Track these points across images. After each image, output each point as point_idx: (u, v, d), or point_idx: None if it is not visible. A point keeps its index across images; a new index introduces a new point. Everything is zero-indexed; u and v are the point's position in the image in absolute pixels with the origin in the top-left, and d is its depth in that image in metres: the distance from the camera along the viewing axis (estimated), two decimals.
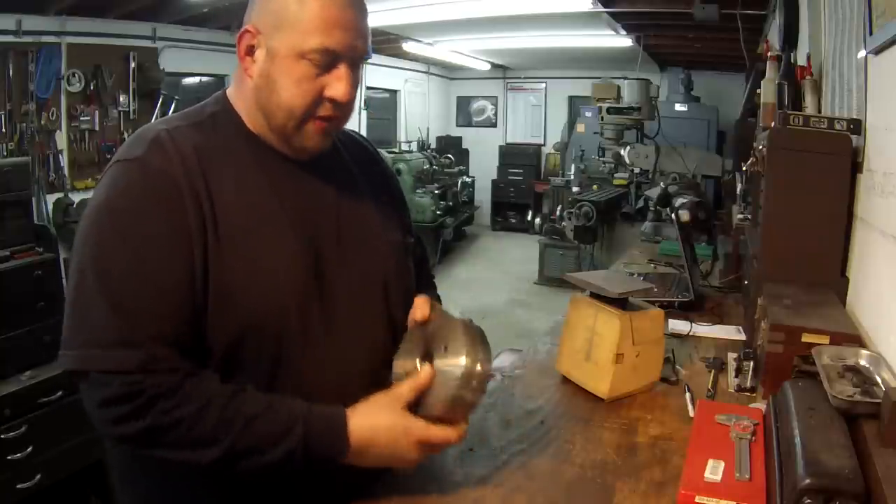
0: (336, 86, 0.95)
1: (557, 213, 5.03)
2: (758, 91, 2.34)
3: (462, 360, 0.93)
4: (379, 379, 1.04)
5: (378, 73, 7.52)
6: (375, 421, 0.93)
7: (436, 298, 1.26)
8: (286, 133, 0.97)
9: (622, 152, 3.48)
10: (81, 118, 3.96)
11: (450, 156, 8.47)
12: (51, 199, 3.78)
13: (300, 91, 0.94)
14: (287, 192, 0.99)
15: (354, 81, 0.97)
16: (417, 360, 1.00)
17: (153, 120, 4.17)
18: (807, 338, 1.21)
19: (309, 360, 0.97)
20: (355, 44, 0.95)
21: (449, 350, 0.96)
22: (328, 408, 0.93)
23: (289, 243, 0.97)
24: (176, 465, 0.89)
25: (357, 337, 1.02)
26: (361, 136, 1.23)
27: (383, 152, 6.84)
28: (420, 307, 1.05)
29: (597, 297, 1.41)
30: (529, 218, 8.60)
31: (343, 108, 0.98)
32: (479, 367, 0.94)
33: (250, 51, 0.97)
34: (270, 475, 0.91)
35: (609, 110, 3.53)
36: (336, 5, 0.93)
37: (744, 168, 2.31)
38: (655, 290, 1.87)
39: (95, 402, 0.87)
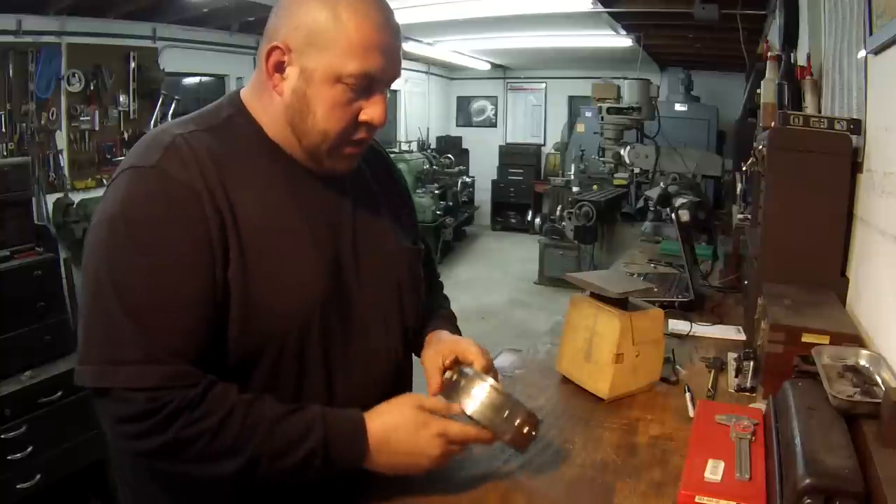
0: (372, 110, 0.93)
1: (557, 213, 5.02)
2: (758, 91, 2.34)
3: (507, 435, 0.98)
4: (393, 386, 1.05)
5: None
6: (392, 416, 0.94)
7: (445, 302, 1.28)
8: (318, 154, 0.95)
9: (622, 152, 3.47)
10: (81, 118, 3.95)
11: (450, 156, 8.47)
12: (51, 199, 3.77)
13: (337, 115, 0.92)
14: (306, 201, 0.97)
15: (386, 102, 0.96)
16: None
17: (153, 120, 4.20)
18: (807, 338, 1.21)
19: (329, 369, 0.97)
20: (393, 68, 0.94)
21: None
22: (344, 410, 0.94)
23: (310, 254, 0.96)
24: (194, 480, 0.88)
25: (374, 344, 1.03)
26: (375, 141, 1.18)
27: None
28: (478, 355, 1.05)
29: (597, 297, 1.41)
30: (529, 218, 8.60)
31: (376, 130, 0.98)
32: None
33: (279, 67, 0.92)
34: (291, 479, 0.90)
35: (609, 110, 3.53)
36: (373, 27, 0.90)
37: (744, 168, 2.31)
38: (655, 290, 1.87)
39: (116, 417, 0.85)
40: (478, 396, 0.97)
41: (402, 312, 1.08)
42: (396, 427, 0.93)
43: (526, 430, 0.99)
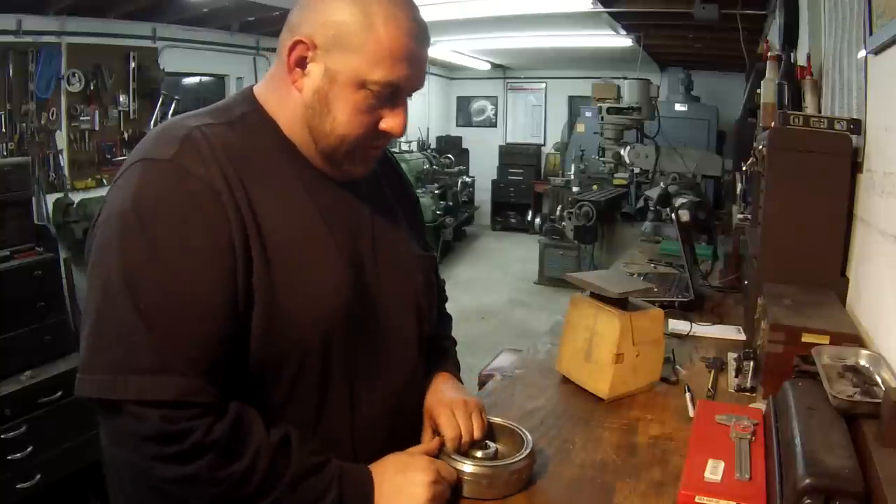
0: (393, 120, 0.91)
1: (557, 213, 5.02)
2: (758, 91, 2.34)
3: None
4: (409, 394, 1.04)
5: None
6: (388, 456, 0.96)
7: (447, 327, 1.27)
8: (335, 157, 0.92)
9: (622, 152, 3.48)
10: (81, 118, 3.95)
11: (450, 156, 8.47)
12: (51, 199, 3.77)
13: (357, 121, 0.89)
14: (326, 204, 0.94)
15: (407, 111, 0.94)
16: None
17: (153, 120, 4.20)
18: (807, 338, 1.21)
19: (351, 378, 0.94)
20: (418, 78, 0.91)
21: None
22: (357, 467, 0.92)
23: (334, 259, 0.92)
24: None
25: (394, 353, 1.01)
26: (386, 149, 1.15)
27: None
28: (446, 425, 1.02)
29: (597, 297, 1.41)
30: (529, 218, 8.59)
31: (393, 139, 0.96)
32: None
33: (301, 62, 0.88)
34: None
35: (609, 110, 3.53)
36: (405, 35, 0.86)
37: (744, 168, 2.31)
38: (655, 290, 1.87)
39: (137, 436, 0.78)
40: (460, 476, 0.99)
41: (419, 321, 1.05)
42: (388, 459, 0.95)
43: (515, 478, 1.01)
